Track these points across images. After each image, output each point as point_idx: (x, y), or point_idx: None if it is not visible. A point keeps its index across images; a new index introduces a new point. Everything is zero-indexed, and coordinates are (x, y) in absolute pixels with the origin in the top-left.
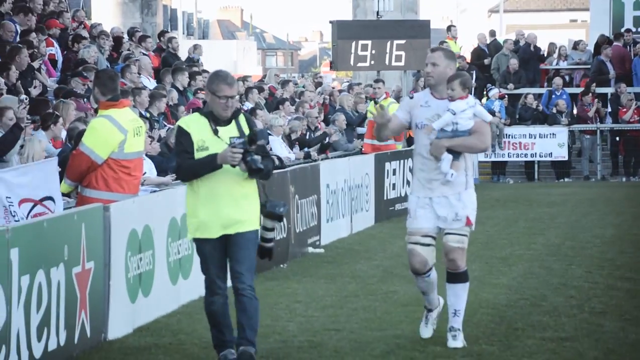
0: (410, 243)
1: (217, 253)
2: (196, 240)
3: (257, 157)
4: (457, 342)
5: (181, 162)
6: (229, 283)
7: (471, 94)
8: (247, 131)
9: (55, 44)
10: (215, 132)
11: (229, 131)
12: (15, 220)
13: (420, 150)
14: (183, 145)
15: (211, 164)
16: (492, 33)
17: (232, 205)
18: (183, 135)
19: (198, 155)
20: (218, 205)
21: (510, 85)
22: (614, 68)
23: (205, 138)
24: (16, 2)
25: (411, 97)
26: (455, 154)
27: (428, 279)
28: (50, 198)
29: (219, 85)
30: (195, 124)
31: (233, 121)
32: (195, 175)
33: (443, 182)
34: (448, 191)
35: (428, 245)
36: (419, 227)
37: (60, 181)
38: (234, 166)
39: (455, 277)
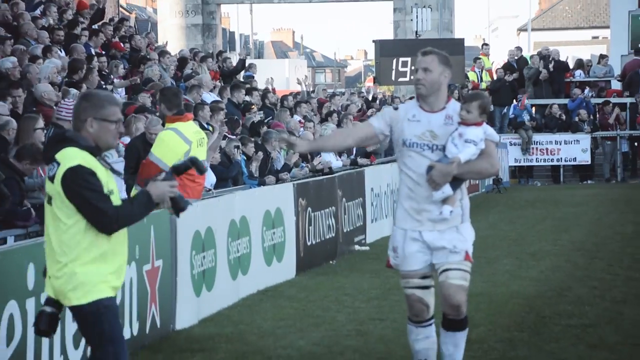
0: (407, 288)
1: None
2: (98, 304)
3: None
4: None
5: (110, 208)
6: None
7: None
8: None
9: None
10: (114, 171)
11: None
12: None
13: (409, 173)
14: (100, 188)
15: (150, 205)
16: (519, 49)
17: (124, 258)
18: (93, 177)
19: None
20: (118, 261)
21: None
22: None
23: (106, 179)
24: (90, 26)
25: (395, 108)
26: (456, 184)
27: (430, 329)
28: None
29: (110, 108)
30: (92, 162)
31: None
32: (131, 223)
33: (434, 220)
34: (442, 226)
35: (428, 287)
36: (414, 269)
37: (131, 188)
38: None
39: (455, 324)
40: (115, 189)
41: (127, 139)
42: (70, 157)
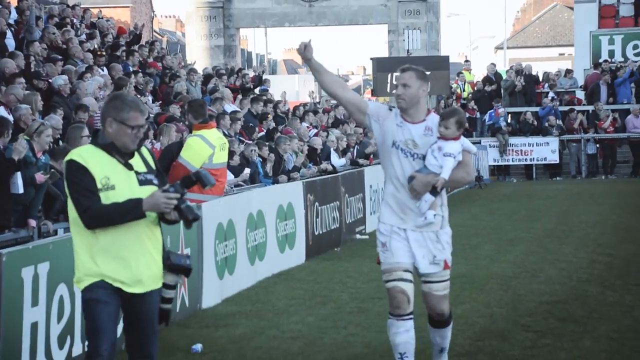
0: (390, 280)
1: (113, 312)
2: (88, 290)
3: (191, 205)
4: None
5: (90, 204)
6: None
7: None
8: (153, 165)
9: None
10: (128, 166)
11: (135, 165)
12: None
13: (395, 172)
14: (84, 183)
15: (135, 212)
16: (494, 65)
17: (142, 258)
18: (80, 171)
19: (104, 196)
20: (124, 258)
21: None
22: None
23: (110, 175)
24: (128, 48)
25: (390, 109)
26: (435, 192)
27: (409, 323)
28: None
29: (131, 113)
30: (92, 158)
31: (136, 154)
32: (109, 223)
33: (418, 224)
34: (424, 227)
35: (410, 281)
36: (397, 261)
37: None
38: (162, 216)
39: (441, 323)
40: (121, 185)
41: (157, 144)
42: (71, 153)
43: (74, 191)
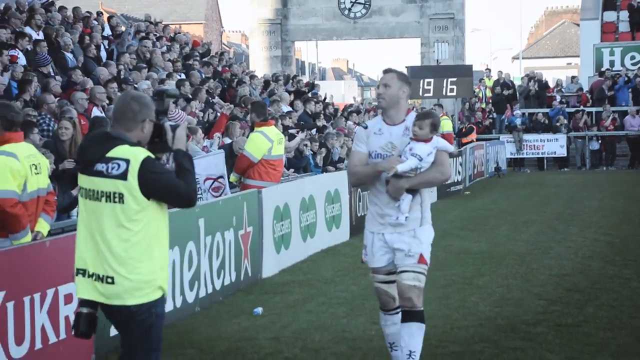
0: (375, 282)
1: None
2: (160, 305)
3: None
4: None
5: (183, 183)
6: None
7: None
8: None
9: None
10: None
11: None
12: (199, 194)
13: (373, 181)
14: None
15: (189, 157)
16: (509, 74)
17: None
18: (160, 163)
19: None
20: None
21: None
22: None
23: None
24: (201, 58)
25: (365, 127)
26: (414, 192)
27: (396, 317)
28: (222, 176)
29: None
30: None
31: None
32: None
33: (393, 224)
34: (402, 228)
35: (393, 282)
36: (379, 266)
37: (229, 175)
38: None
39: (410, 315)
40: None
41: (227, 140)
42: (136, 151)
43: (171, 180)
